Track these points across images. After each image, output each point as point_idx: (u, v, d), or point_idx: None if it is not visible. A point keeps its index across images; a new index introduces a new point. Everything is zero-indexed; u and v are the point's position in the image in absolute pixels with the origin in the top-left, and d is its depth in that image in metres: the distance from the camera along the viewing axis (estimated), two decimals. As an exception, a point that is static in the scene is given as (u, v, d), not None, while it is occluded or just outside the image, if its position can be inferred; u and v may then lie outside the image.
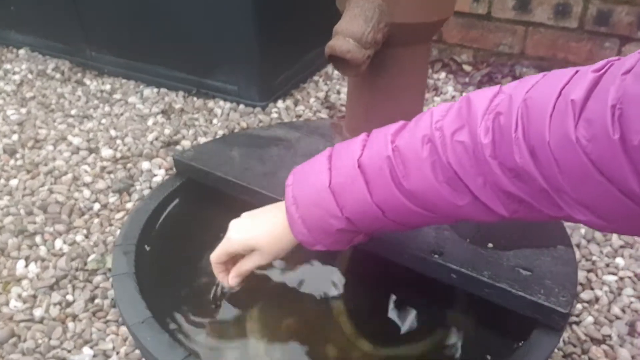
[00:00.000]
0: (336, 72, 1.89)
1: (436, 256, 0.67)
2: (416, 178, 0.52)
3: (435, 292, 0.73)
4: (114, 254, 0.77)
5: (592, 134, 0.39)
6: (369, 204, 0.56)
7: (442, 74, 1.88)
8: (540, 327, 0.63)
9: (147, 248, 0.80)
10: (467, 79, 1.84)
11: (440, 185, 0.51)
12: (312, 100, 1.73)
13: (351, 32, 0.63)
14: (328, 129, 0.95)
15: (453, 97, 1.76)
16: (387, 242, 0.69)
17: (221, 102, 1.71)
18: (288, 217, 0.62)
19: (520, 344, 0.63)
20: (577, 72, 0.43)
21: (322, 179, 0.58)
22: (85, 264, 1.14)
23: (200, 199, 0.89)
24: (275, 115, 1.65)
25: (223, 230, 0.68)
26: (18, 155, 1.48)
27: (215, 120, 1.63)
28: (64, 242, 1.20)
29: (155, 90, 1.78)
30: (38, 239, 1.20)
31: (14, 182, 1.36)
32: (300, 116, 1.65)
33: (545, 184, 0.44)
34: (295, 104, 1.71)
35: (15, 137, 1.54)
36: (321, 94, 1.76)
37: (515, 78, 1.80)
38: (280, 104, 1.70)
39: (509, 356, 0.62)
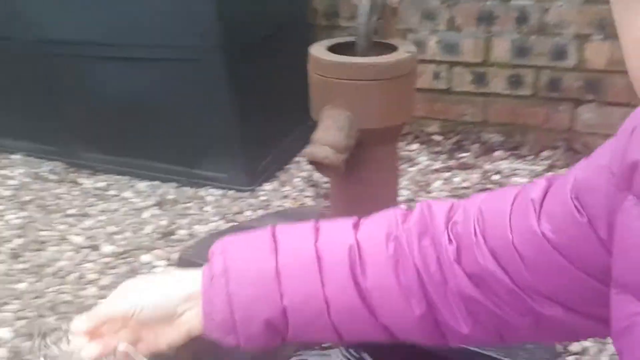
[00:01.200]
0: (316, 151, 2.01)
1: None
2: (375, 275, 0.49)
3: None
4: None
5: (556, 225, 0.44)
6: (317, 296, 0.50)
7: (415, 145, 2.02)
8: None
9: None
10: (438, 148, 1.98)
11: (399, 286, 0.49)
12: (296, 180, 1.84)
13: (327, 140, 0.75)
14: (316, 217, 1.05)
15: (427, 166, 1.89)
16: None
17: (212, 190, 1.82)
18: (207, 291, 0.52)
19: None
20: (523, 187, 0.48)
21: (265, 257, 0.51)
22: None
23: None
24: (263, 197, 1.76)
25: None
26: (22, 259, 1.55)
27: (207, 208, 1.73)
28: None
29: (148, 183, 1.89)
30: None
31: (22, 286, 1.44)
32: (287, 196, 1.76)
33: (512, 284, 0.45)
34: (282, 185, 1.82)
35: (18, 241, 1.62)
36: (304, 174, 1.87)
37: (482, 144, 1.95)
38: (267, 186, 1.81)
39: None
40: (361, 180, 0.84)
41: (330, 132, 0.75)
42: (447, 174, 1.83)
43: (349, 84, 0.76)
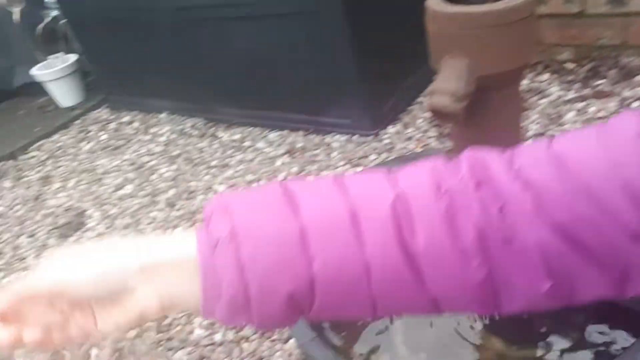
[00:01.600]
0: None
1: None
2: (427, 235, 0.40)
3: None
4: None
5: None
6: (355, 260, 0.40)
7: (545, 75, 1.92)
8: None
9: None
10: (571, 77, 1.87)
11: (456, 248, 0.40)
12: (419, 121, 1.85)
13: (446, 89, 0.77)
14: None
15: (559, 97, 1.80)
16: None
17: (337, 136, 1.89)
18: (209, 261, 0.40)
19: None
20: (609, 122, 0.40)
21: (283, 215, 0.41)
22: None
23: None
24: (387, 140, 1.80)
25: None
26: (177, 207, 1.75)
27: (334, 154, 1.81)
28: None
29: (278, 133, 2.01)
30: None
31: (178, 232, 1.64)
32: (410, 138, 1.78)
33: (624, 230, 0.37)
34: (405, 127, 1.84)
35: (172, 191, 1.83)
36: (427, 114, 1.88)
37: (621, 69, 1.80)
38: (390, 129, 1.85)
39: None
40: (482, 125, 0.85)
41: (449, 82, 0.77)
42: (581, 104, 1.73)
43: (467, 33, 0.76)
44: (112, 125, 2.46)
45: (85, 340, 0.44)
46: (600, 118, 1.65)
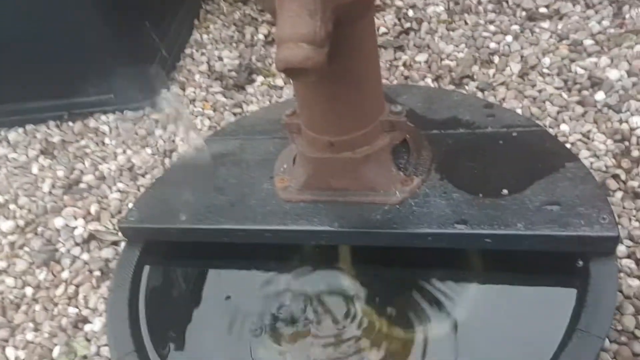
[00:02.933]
0: (206, 36, 1.72)
1: (462, 227, 0.63)
2: None
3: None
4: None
5: None
6: None
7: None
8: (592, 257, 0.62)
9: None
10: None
11: None
12: (197, 77, 1.57)
13: (300, 34, 0.53)
14: (264, 124, 0.85)
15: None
16: (401, 229, 0.64)
17: (103, 117, 1.51)
18: None
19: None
20: None
21: None
22: (55, 362, 1.00)
23: (170, 259, 0.79)
24: (169, 109, 1.49)
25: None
26: None
27: (107, 140, 1.44)
28: (17, 348, 1.04)
29: (21, 130, 1.54)
30: (-14, 359, 1.03)
31: None
32: (194, 99, 1.50)
33: None
34: (182, 87, 1.55)
35: None
36: (203, 67, 1.60)
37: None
38: (166, 94, 1.54)
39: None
40: (342, 70, 0.64)
41: (300, 22, 0.53)
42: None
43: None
44: None
45: None
46: (383, 35, 1.57)
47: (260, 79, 1.52)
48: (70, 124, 1.51)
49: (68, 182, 1.34)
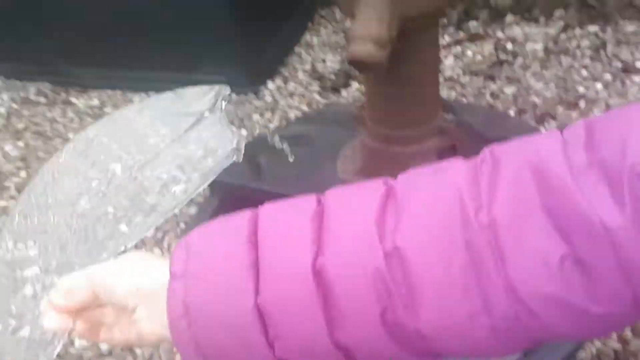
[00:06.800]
0: (315, 39, 1.89)
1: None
2: (431, 309, 0.32)
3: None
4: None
5: None
6: (324, 343, 0.34)
7: None
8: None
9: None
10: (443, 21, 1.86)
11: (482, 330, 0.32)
12: (300, 74, 1.74)
13: (368, 35, 0.66)
14: (343, 117, 0.98)
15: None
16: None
17: (213, 95, 1.72)
18: (175, 334, 0.37)
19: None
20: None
21: (241, 287, 0.34)
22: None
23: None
24: (269, 99, 1.66)
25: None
26: (31, 191, 1.49)
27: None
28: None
29: (144, 95, 1.78)
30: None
31: (38, 220, 1.39)
32: (293, 94, 1.67)
33: None
34: (285, 82, 1.72)
35: (22, 173, 1.55)
36: (307, 66, 1.77)
37: (491, 10, 1.82)
38: (270, 85, 1.71)
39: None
40: (401, 76, 0.76)
41: (371, 25, 0.66)
42: (457, 49, 1.73)
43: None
44: None
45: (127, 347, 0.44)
46: (478, 62, 1.66)
47: (355, 85, 1.66)
48: (185, 96, 1.73)
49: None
